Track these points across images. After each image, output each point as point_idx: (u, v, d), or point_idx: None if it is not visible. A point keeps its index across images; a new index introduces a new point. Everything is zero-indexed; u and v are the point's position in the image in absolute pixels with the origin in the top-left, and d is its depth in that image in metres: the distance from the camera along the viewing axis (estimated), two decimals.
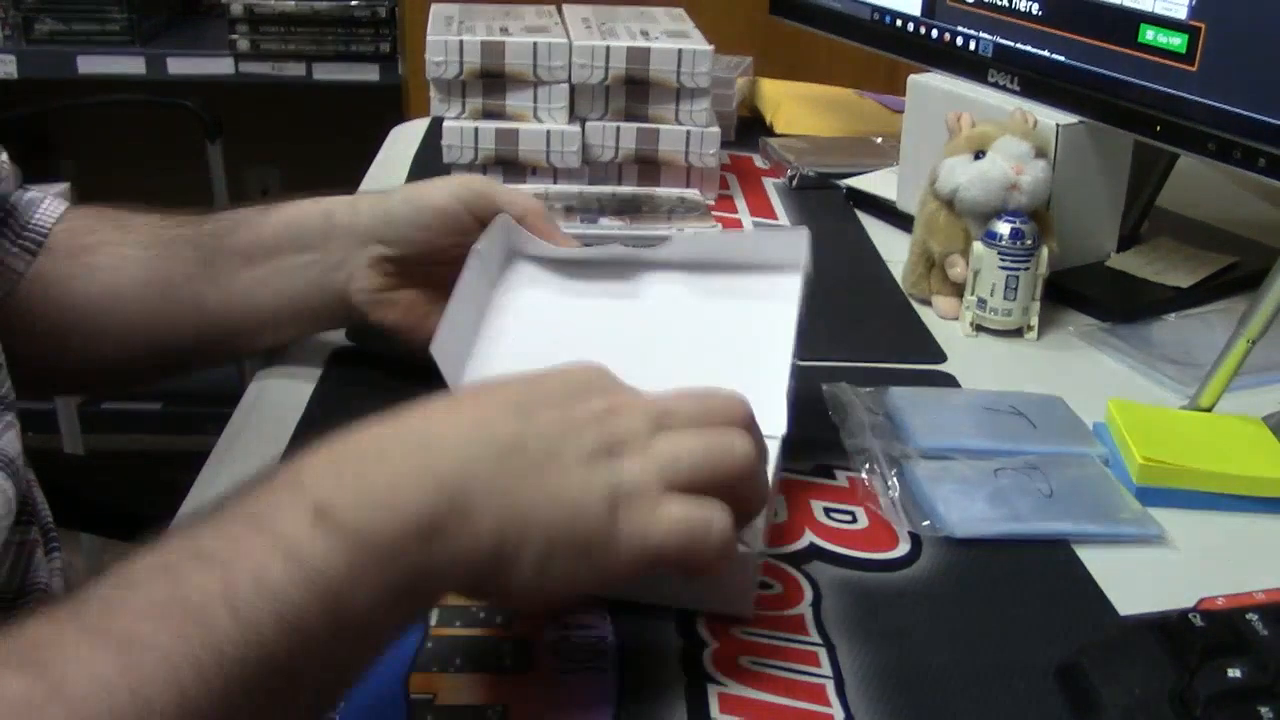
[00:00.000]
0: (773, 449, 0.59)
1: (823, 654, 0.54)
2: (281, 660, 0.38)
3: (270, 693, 0.38)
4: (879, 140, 1.24)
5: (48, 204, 0.77)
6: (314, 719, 0.42)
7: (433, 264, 0.72)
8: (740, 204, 1.10)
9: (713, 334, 0.68)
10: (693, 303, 0.70)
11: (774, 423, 0.61)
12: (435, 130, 1.10)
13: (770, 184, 1.16)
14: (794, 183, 1.15)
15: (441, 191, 0.72)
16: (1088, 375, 0.82)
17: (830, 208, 1.10)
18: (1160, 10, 0.82)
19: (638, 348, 0.61)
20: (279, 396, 0.75)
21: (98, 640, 0.36)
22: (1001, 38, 0.96)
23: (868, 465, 0.68)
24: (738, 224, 1.05)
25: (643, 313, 0.70)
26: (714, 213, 1.02)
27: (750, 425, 0.51)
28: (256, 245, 0.73)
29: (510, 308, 0.70)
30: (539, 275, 0.72)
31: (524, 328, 0.69)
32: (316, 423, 0.71)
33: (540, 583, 0.46)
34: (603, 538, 0.47)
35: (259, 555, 0.39)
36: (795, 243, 0.70)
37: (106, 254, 0.74)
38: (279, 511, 0.41)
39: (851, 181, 1.12)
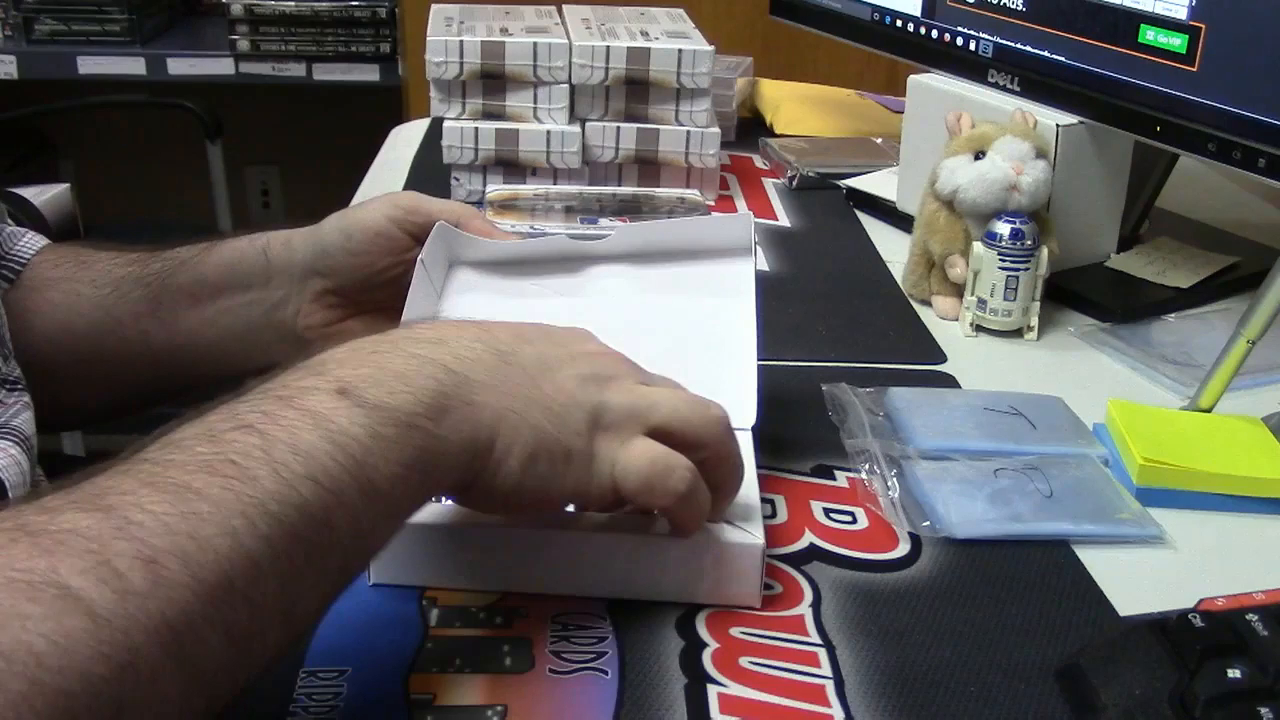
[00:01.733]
0: (745, 441, 0.61)
1: (823, 654, 0.54)
2: (319, 517, 0.42)
3: (310, 544, 0.42)
4: (879, 140, 1.24)
5: (29, 238, 0.78)
6: (347, 573, 0.46)
7: (375, 288, 0.72)
8: (740, 205, 1.10)
9: (673, 329, 0.69)
10: (645, 297, 0.70)
11: (744, 415, 0.63)
12: (435, 131, 1.10)
13: (770, 184, 1.16)
14: (794, 183, 1.15)
15: (371, 214, 0.72)
16: (1088, 375, 0.82)
17: (830, 208, 1.10)
18: (1160, 10, 0.82)
19: None
20: None
21: (155, 490, 0.39)
22: (1001, 38, 0.96)
23: (868, 466, 0.68)
24: None
25: (595, 310, 0.70)
26: (714, 214, 1.02)
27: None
28: (200, 285, 0.74)
29: (459, 315, 0.69)
30: (483, 281, 0.72)
31: None
32: None
33: (522, 481, 0.50)
34: (581, 451, 0.51)
35: (292, 425, 0.43)
36: (740, 227, 0.70)
37: (63, 291, 0.75)
38: (306, 392, 0.45)
39: (851, 182, 1.13)
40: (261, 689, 0.50)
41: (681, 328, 0.69)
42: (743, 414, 0.63)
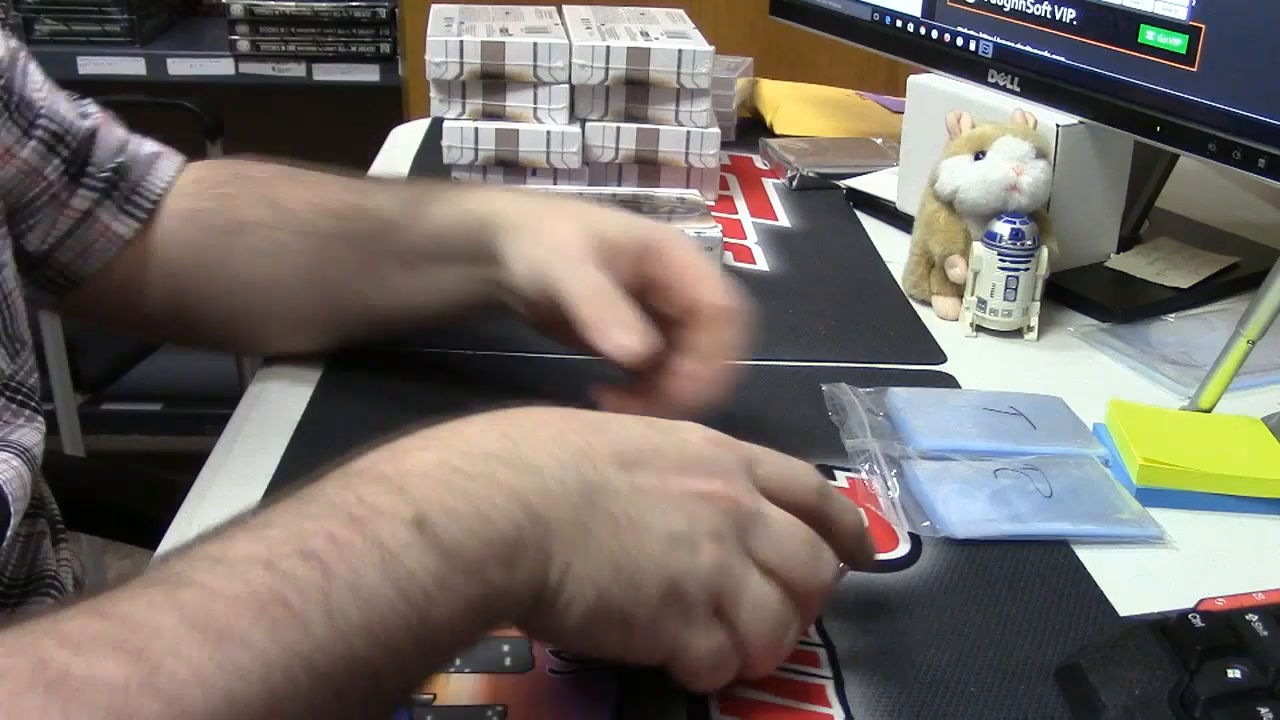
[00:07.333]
0: None
1: (823, 654, 0.54)
2: (366, 667, 0.39)
3: (353, 695, 0.39)
4: (879, 141, 1.24)
5: (163, 164, 0.76)
6: (386, 715, 0.44)
7: None
8: (740, 204, 1.10)
9: None
10: None
11: None
12: (435, 131, 1.10)
13: (770, 184, 1.16)
14: (794, 183, 1.15)
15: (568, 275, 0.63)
16: (1088, 375, 0.82)
17: (830, 208, 1.10)
18: (1160, 11, 0.82)
19: None
20: (279, 396, 0.74)
21: (195, 630, 0.36)
22: (1001, 38, 0.96)
23: (868, 465, 0.68)
24: (738, 225, 1.05)
25: None
26: (714, 213, 1.02)
27: (832, 508, 0.52)
28: (411, 251, 0.70)
29: None
30: None
31: None
32: (317, 423, 0.71)
33: (578, 635, 0.46)
34: (644, 623, 0.46)
35: (357, 562, 0.40)
36: None
37: (263, 237, 0.72)
38: (380, 516, 0.41)
39: (851, 182, 1.12)
40: None
41: None
42: None
